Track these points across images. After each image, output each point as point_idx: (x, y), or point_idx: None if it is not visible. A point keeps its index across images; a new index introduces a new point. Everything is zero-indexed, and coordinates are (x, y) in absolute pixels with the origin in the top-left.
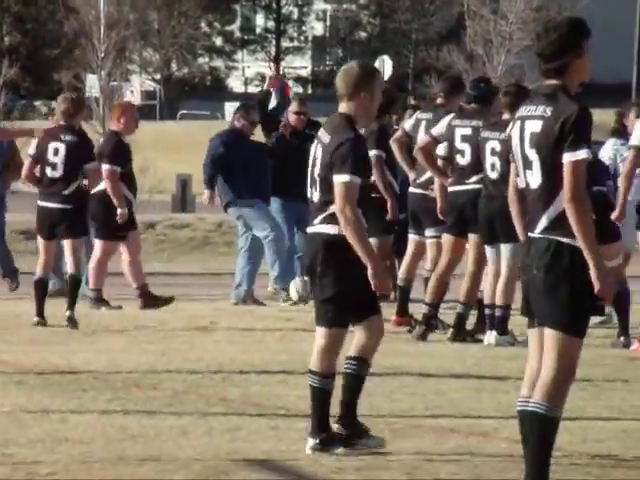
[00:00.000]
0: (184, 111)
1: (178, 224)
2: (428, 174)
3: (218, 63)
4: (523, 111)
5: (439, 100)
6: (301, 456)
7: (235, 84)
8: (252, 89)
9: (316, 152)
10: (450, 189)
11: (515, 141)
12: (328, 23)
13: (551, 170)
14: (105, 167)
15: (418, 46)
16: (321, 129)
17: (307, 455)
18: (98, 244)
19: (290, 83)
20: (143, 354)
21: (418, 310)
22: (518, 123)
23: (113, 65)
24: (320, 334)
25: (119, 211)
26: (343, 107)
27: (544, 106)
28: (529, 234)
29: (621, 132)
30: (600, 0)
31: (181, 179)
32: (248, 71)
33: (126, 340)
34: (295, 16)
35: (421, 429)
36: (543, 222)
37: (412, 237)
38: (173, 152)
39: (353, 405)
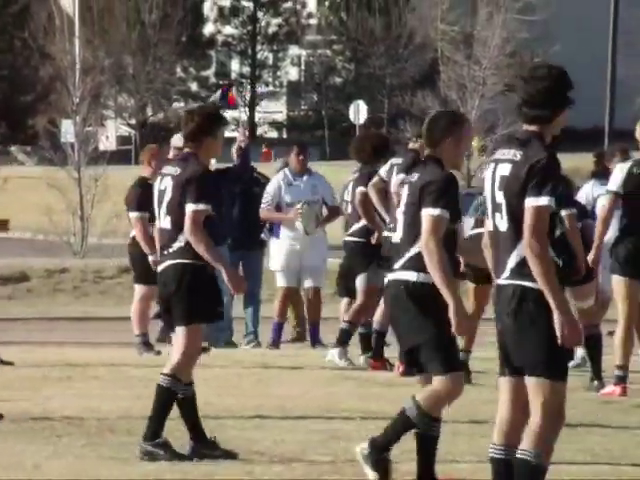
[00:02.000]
0: None
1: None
2: None
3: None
4: (498, 154)
5: (411, 145)
6: None
7: None
8: (228, 134)
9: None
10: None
11: (487, 183)
12: (303, 68)
13: (516, 214)
14: (132, 215)
15: (392, 91)
16: (408, 174)
17: None
18: (136, 289)
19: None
20: (118, 399)
21: (393, 354)
22: (492, 165)
23: (88, 110)
24: (434, 381)
25: (150, 258)
26: (430, 152)
27: (515, 150)
28: (496, 281)
29: (601, 174)
30: (572, 45)
31: None
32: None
33: (101, 385)
34: (270, 61)
35: (398, 473)
36: (508, 266)
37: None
38: None
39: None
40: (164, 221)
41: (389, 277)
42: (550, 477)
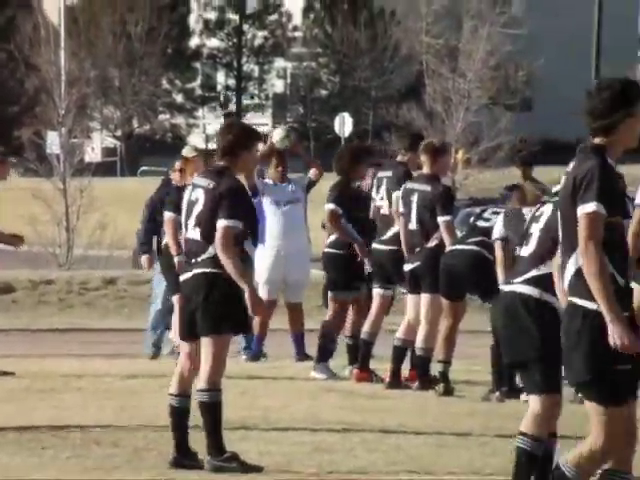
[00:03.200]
0: (145, 167)
1: (138, 280)
2: (393, 230)
3: (179, 120)
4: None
5: (399, 157)
6: None
7: (196, 141)
8: (213, 146)
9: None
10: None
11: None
12: (288, 81)
13: (566, 227)
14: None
15: (377, 103)
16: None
17: None
18: None
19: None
20: (103, 410)
21: (380, 366)
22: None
23: (74, 122)
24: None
25: (176, 259)
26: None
27: (573, 162)
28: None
29: None
30: (556, 59)
31: None
32: (209, 128)
33: (84, 397)
34: (256, 74)
35: None
36: (565, 281)
37: (377, 291)
38: (134, 208)
39: None
40: (192, 231)
41: (505, 288)
42: None
